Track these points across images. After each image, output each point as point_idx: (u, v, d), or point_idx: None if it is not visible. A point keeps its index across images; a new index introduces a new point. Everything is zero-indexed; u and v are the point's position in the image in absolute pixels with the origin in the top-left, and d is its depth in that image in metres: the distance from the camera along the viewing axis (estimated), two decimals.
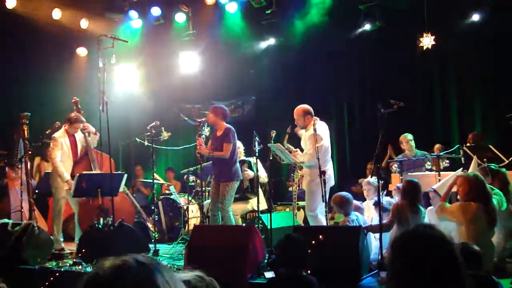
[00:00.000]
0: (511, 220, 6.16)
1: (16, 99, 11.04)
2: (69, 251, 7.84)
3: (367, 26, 10.68)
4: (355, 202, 6.92)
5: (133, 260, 1.38)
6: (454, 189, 6.06)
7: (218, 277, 1.96)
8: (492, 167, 6.54)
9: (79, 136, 8.38)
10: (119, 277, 1.34)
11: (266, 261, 6.00)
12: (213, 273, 1.97)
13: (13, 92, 11.20)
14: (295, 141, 7.91)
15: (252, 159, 7.76)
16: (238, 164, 7.91)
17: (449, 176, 7.09)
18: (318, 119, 7.05)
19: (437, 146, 9.32)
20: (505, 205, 5.97)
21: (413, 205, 6.13)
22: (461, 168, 7.38)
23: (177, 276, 1.46)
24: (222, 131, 7.83)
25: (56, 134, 8.15)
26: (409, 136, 9.13)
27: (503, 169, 6.73)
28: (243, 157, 8.93)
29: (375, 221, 6.43)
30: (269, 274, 5.59)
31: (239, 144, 8.85)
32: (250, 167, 8.59)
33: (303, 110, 7.40)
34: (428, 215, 6.67)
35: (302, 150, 7.49)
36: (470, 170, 6.87)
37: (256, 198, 7.94)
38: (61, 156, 8.08)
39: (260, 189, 8.46)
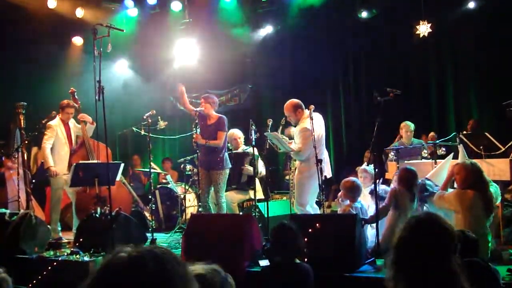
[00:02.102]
0: (507, 208, 6.19)
1: (12, 88, 11.00)
2: (66, 240, 7.85)
3: (364, 14, 10.67)
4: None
5: (151, 251, 1.38)
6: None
7: None
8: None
9: (73, 125, 8.39)
10: (137, 267, 1.34)
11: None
12: (210, 262, 1.98)
13: (9, 82, 11.16)
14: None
15: (250, 149, 7.73)
16: (227, 153, 7.95)
17: (441, 163, 7.11)
18: (313, 107, 7.01)
19: (431, 134, 9.32)
20: (500, 198, 5.98)
21: (410, 192, 6.15)
22: (451, 154, 7.38)
23: (190, 270, 1.46)
24: (214, 120, 7.83)
25: (51, 122, 8.16)
26: (411, 127, 9.07)
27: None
28: (243, 147, 8.94)
29: (371, 209, 6.44)
30: (263, 262, 5.61)
31: (238, 133, 8.85)
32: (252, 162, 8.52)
33: (292, 105, 7.29)
34: None
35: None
36: (460, 160, 6.87)
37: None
38: (57, 144, 8.10)
39: (256, 179, 8.45)
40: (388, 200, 6.11)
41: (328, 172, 7.39)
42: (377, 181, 6.19)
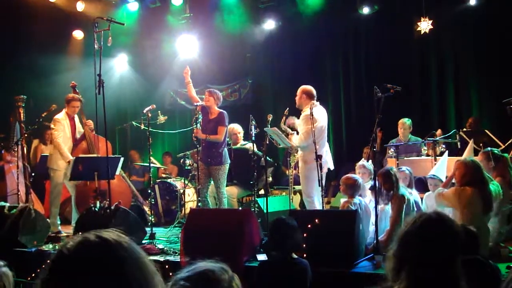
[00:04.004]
0: (506, 205, 6.17)
1: (11, 82, 10.99)
2: (65, 234, 7.85)
3: (365, 10, 10.65)
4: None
5: (95, 236, 1.44)
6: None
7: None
8: (495, 151, 6.50)
9: (78, 121, 8.38)
10: (79, 254, 1.40)
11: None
12: (208, 257, 1.97)
13: (9, 75, 11.15)
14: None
15: (249, 145, 7.73)
16: (226, 148, 7.94)
17: (442, 158, 7.10)
18: (316, 102, 7.04)
19: (439, 131, 9.32)
20: (502, 196, 5.96)
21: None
22: (446, 152, 7.40)
23: (143, 253, 1.51)
24: (215, 114, 7.83)
25: (58, 116, 8.13)
26: (407, 123, 9.06)
27: (506, 154, 6.73)
28: (241, 142, 8.94)
29: (371, 205, 6.44)
30: (261, 257, 5.62)
31: (238, 128, 8.83)
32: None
33: (303, 89, 7.43)
34: (426, 201, 6.70)
35: (298, 133, 7.48)
36: (465, 155, 6.86)
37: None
38: (63, 138, 8.07)
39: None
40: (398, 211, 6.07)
41: (330, 164, 7.44)
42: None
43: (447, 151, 7.50)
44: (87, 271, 1.37)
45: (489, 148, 6.59)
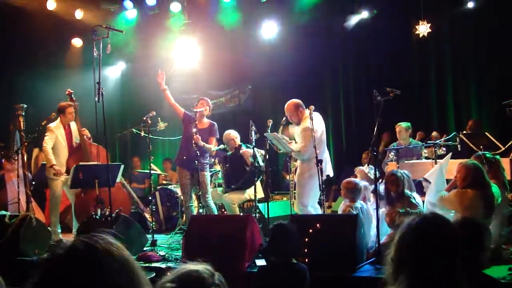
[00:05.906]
0: (506, 207, 6.17)
1: (11, 90, 10.99)
2: None
3: (364, 14, 10.68)
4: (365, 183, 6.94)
5: (84, 244, 1.46)
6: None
7: (215, 267, 1.97)
8: (487, 155, 6.51)
9: (75, 128, 8.36)
10: (67, 263, 1.42)
11: None
12: (210, 263, 1.97)
13: (8, 84, 11.15)
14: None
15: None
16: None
17: (439, 163, 7.09)
18: (313, 108, 7.00)
19: (433, 133, 9.32)
20: (500, 200, 5.96)
21: None
22: (449, 154, 7.36)
23: (131, 258, 1.52)
24: (206, 125, 7.86)
25: (51, 125, 8.13)
26: (403, 127, 9.02)
27: (497, 156, 6.72)
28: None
29: (372, 207, 6.44)
30: (260, 262, 5.61)
31: (235, 134, 8.83)
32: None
33: (294, 105, 7.21)
34: (427, 204, 6.69)
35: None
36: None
37: (252, 187, 7.92)
38: (56, 147, 8.06)
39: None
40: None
41: (329, 171, 7.39)
42: (378, 181, 6.17)
43: (450, 153, 7.44)
44: (75, 280, 1.39)
45: (480, 152, 6.58)
